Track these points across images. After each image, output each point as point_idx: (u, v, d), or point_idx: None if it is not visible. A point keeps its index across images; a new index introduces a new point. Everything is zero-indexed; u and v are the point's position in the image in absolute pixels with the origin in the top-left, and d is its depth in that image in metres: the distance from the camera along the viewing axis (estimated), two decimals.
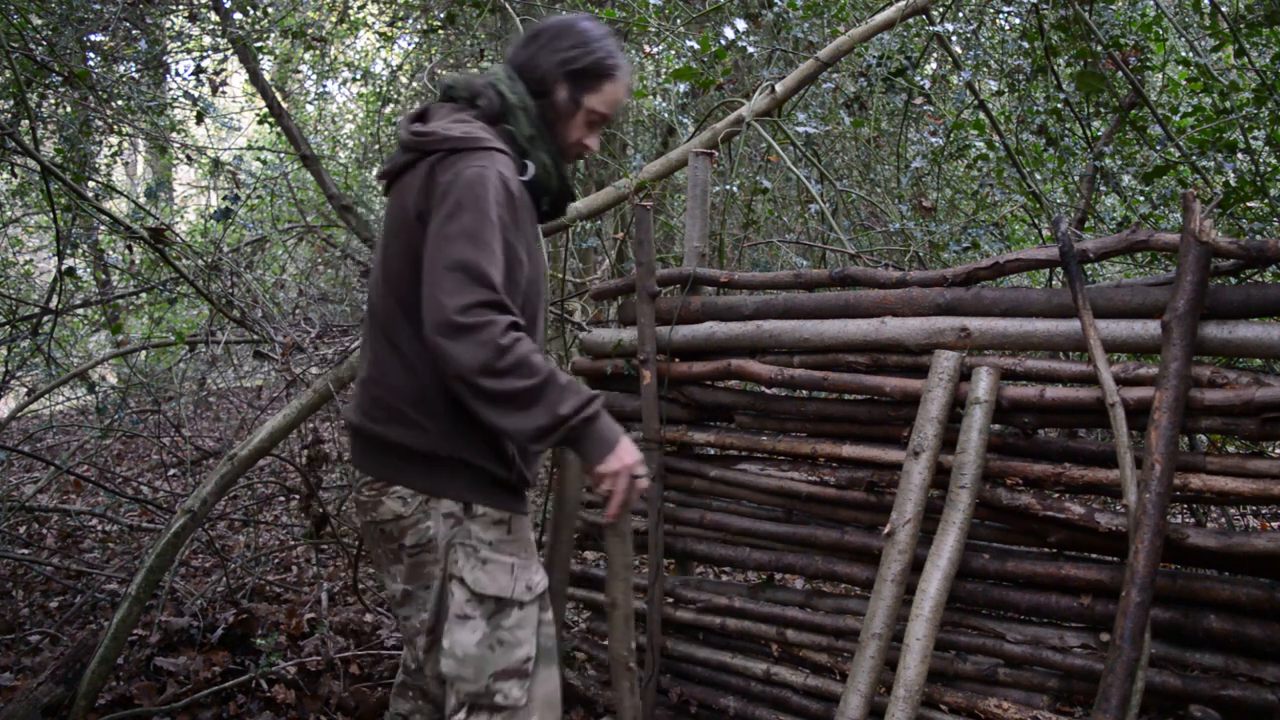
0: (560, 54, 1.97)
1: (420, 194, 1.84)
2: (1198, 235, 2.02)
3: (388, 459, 1.94)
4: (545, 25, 2.03)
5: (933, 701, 2.37)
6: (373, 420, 1.94)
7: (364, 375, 2.01)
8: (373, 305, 2.00)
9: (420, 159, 1.88)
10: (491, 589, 1.89)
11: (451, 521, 1.91)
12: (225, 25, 5.47)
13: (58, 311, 4.32)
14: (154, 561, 2.95)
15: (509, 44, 2.10)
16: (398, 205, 1.91)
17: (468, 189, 1.79)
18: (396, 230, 1.91)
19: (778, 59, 4.75)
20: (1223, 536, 2.05)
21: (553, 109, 1.99)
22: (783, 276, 2.72)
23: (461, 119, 1.93)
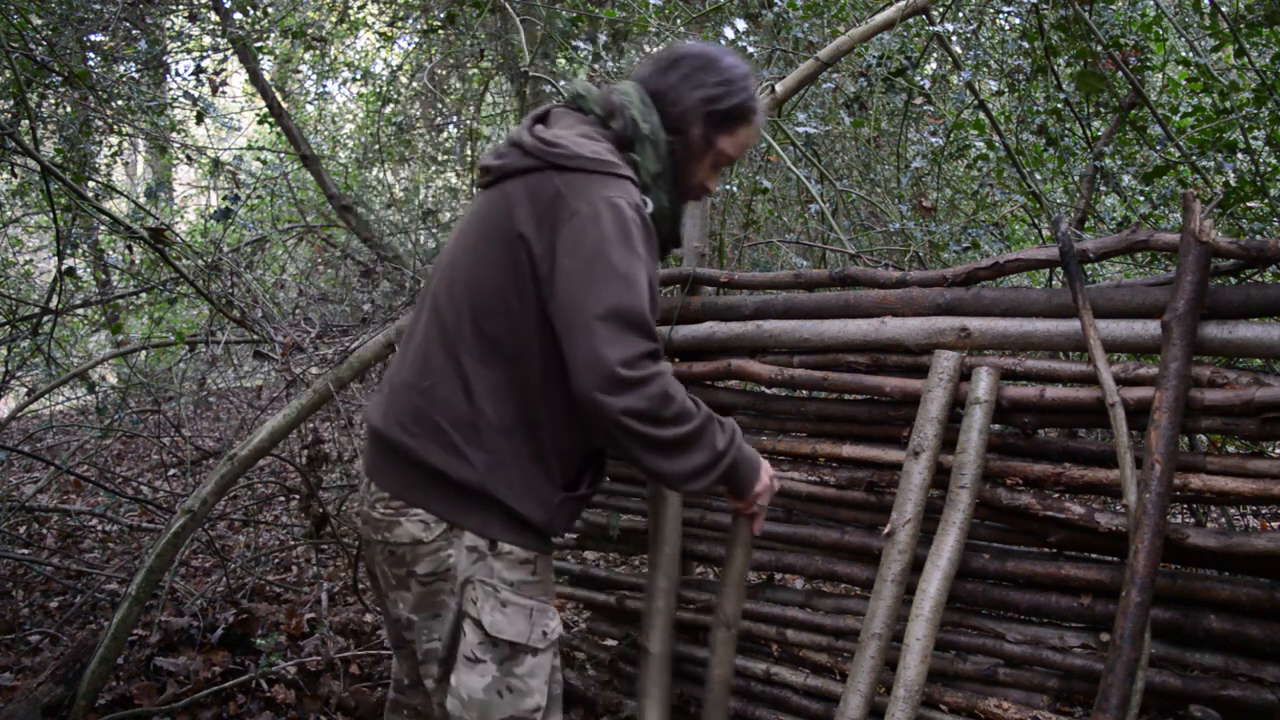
0: (704, 90, 1.85)
1: (537, 209, 1.71)
2: (1198, 235, 2.02)
3: (415, 479, 1.80)
4: (686, 53, 1.90)
5: (933, 701, 2.37)
6: (409, 434, 1.78)
7: (405, 379, 1.84)
8: (438, 305, 1.83)
9: (541, 169, 1.74)
10: (508, 633, 1.78)
11: (474, 556, 1.78)
12: (225, 25, 5.47)
13: (58, 311, 4.32)
14: (154, 561, 2.95)
15: (643, 64, 1.95)
16: (499, 211, 1.76)
17: (612, 222, 1.67)
18: (490, 237, 1.76)
19: (778, 59, 4.75)
20: (1223, 536, 2.05)
21: (684, 147, 1.87)
22: (783, 276, 2.72)
23: (591, 136, 1.80)
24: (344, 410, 3.84)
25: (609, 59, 4.21)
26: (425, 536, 1.83)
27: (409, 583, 1.88)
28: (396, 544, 1.85)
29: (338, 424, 4.97)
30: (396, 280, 5.70)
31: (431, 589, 1.87)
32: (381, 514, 1.86)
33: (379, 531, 1.87)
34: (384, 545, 1.87)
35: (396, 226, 7.04)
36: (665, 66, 1.88)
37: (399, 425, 1.80)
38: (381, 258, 6.18)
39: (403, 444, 1.79)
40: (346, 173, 7.53)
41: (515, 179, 1.76)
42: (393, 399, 1.85)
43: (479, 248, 1.78)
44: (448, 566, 1.83)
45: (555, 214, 1.69)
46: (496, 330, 1.74)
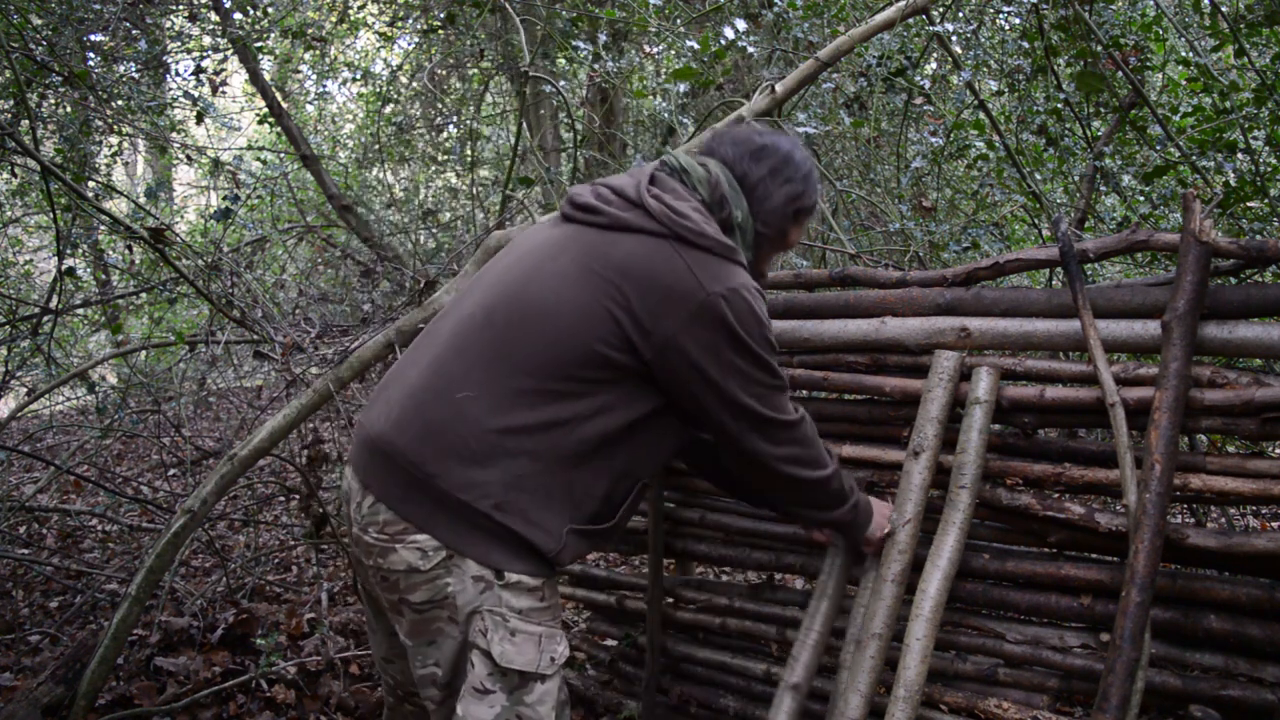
0: (790, 188, 1.93)
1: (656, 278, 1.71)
2: (1198, 235, 2.02)
3: (420, 499, 1.73)
4: (768, 145, 1.95)
5: (933, 701, 2.37)
6: (419, 452, 1.72)
7: (421, 385, 1.77)
8: (492, 321, 1.77)
9: (664, 236, 1.75)
10: (518, 663, 1.75)
11: (482, 585, 1.73)
12: (225, 25, 5.48)
13: (58, 311, 4.32)
14: (154, 561, 2.95)
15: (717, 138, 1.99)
16: (607, 261, 1.74)
17: (749, 315, 1.76)
18: (588, 283, 1.73)
19: (778, 59, 4.75)
20: (1223, 536, 2.05)
21: (768, 239, 1.95)
22: (783, 276, 2.72)
23: (707, 215, 1.83)
24: (344, 410, 3.84)
25: (609, 59, 4.21)
26: (422, 565, 1.73)
27: (402, 609, 1.81)
28: (390, 570, 1.77)
29: (338, 424, 4.97)
30: (396, 280, 5.71)
31: (426, 616, 1.79)
32: (375, 539, 1.77)
33: (371, 557, 1.79)
34: (376, 570, 1.80)
35: (396, 226, 7.04)
36: (751, 155, 1.93)
37: (414, 440, 1.73)
38: (381, 258, 6.19)
39: (414, 462, 1.72)
40: (346, 173, 7.53)
41: (631, 235, 1.76)
42: (404, 410, 1.77)
43: (569, 289, 1.74)
44: (445, 595, 1.74)
45: (684, 289, 1.71)
46: (565, 372, 1.72)
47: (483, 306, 1.81)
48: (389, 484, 1.76)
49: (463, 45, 6.53)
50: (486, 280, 1.88)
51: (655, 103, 5.02)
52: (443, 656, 1.81)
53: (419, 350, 1.88)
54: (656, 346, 1.72)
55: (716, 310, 1.71)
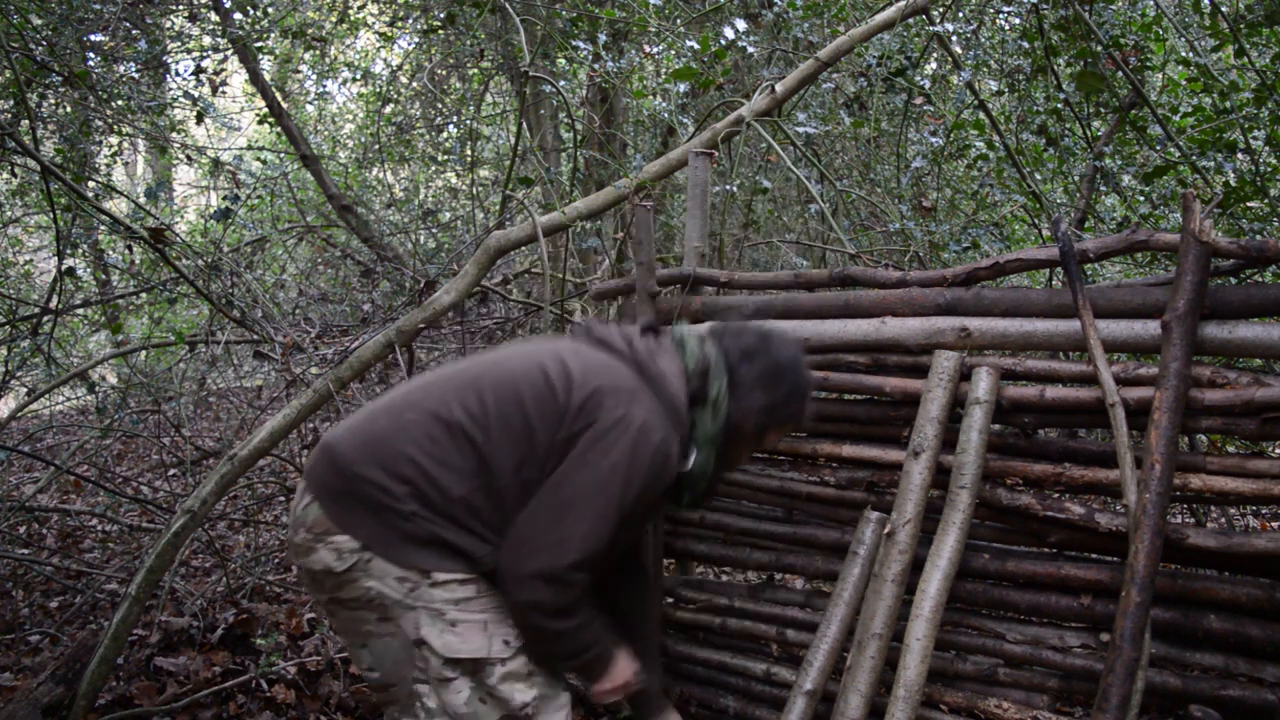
0: (768, 396, 1.99)
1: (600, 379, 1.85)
2: (1198, 235, 2.02)
3: (350, 501, 1.82)
4: (766, 350, 2.03)
5: (933, 701, 2.37)
6: (356, 455, 1.83)
7: (382, 404, 1.91)
8: (457, 368, 1.94)
9: (626, 362, 1.91)
10: (465, 650, 1.81)
11: (408, 585, 1.80)
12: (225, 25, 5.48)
13: (58, 311, 4.32)
14: (154, 561, 2.95)
15: (725, 330, 2.09)
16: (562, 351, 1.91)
17: (635, 452, 1.81)
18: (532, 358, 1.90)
19: (778, 59, 4.75)
20: (1223, 536, 2.05)
21: (738, 433, 2.01)
22: (783, 276, 2.72)
23: (681, 381, 1.94)
24: (344, 410, 3.84)
25: (609, 59, 4.21)
26: (337, 566, 1.81)
27: (333, 608, 1.89)
28: (312, 570, 1.85)
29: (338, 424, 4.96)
30: (396, 280, 5.70)
31: (356, 616, 1.86)
32: (302, 539, 1.86)
33: (299, 556, 1.88)
34: (304, 570, 1.89)
35: (396, 226, 7.04)
36: (745, 353, 2.01)
37: (353, 443, 1.85)
38: (381, 258, 6.19)
39: (348, 458, 1.83)
40: (346, 173, 7.53)
41: (606, 352, 1.94)
42: (361, 419, 1.90)
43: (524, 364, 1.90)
44: (370, 597, 1.82)
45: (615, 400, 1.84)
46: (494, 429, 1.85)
47: (467, 366, 1.97)
48: (325, 481, 1.86)
49: (463, 45, 6.53)
50: (486, 355, 2.05)
51: (655, 103, 5.02)
52: (377, 660, 1.88)
53: (397, 389, 2.02)
54: (571, 425, 1.84)
55: (636, 431, 1.81)
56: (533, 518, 1.81)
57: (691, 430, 1.95)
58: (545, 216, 3.37)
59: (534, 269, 5.27)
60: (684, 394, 1.94)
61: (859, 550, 2.36)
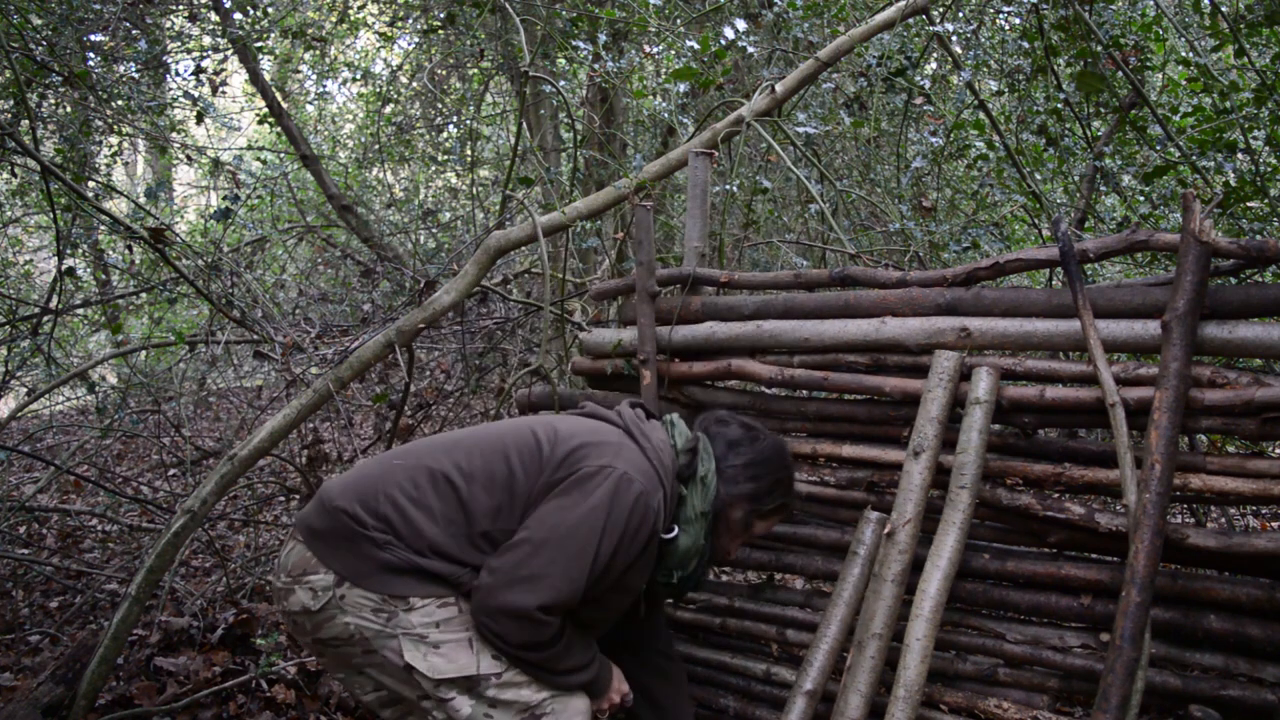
0: (752, 486, 2.07)
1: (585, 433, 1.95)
2: (1198, 235, 2.02)
3: (332, 536, 1.89)
4: (761, 442, 2.11)
5: (933, 701, 2.37)
6: (342, 494, 1.91)
7: (377, 458, 2.03)
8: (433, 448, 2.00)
9: (616, 427, 2.00)
10: (452, 670, 1.83)
11: (385, 615, 1.84)
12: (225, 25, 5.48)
13: (58, 311, 4.32)
14: (154, 561, 2.95)
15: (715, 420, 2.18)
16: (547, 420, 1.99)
17: (616, 503, 1.84)
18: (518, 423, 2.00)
19: (778, 59, 4.75)
20: (1223, 536, 2.05)
21: (726, 517, 2.08)
22: (783, 276, 2.72)
23: (671, 456, 2.01)
24: (344, 410, 3.84)
25: (609, 59, 4.21)
26: (313, 605, 1.86)
27: (321, 647, 1.93)
28: (291, 613, 1.91)
29: (338, 424, 4.97)
30: (396, 280, 5.70)
31: (341, 652, 1.91)
32: (282, 583, 1.92)
33: (279, 601, 1.94)
34: (286, 615, 1.95)
35: (396, 226, 7.04)
36: (730, 445, 2.09)
37: (343, 484, 1.93)
38: (381, 258, 6.19)
39: (334, 497, 1.90)
40: (346, 173, 7.53)
41: (597, 420, 2.06)
42: (357, 468, 2.01)
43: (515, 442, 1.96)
44: (350, 633, 1.86)
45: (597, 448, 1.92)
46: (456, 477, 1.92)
47: (463, 433, 2.06)
48: (308, 521, 1.94)
49: (463, 45, 6.53)
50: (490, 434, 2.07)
51: (655, 103, 5.02)
52: (378, 680, 1.92)
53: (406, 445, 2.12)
54: (553, 473, 1.91)
55: (616, 482, 1.85)
56: (509, 552, 1.84)
57: (680, 506, 2.01)
58: (545, 216, 3.37)
59: (534, 269, 5.27)
60: (671, 464, 2.00)
61: (859, 550, 2.35)
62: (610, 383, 3.06)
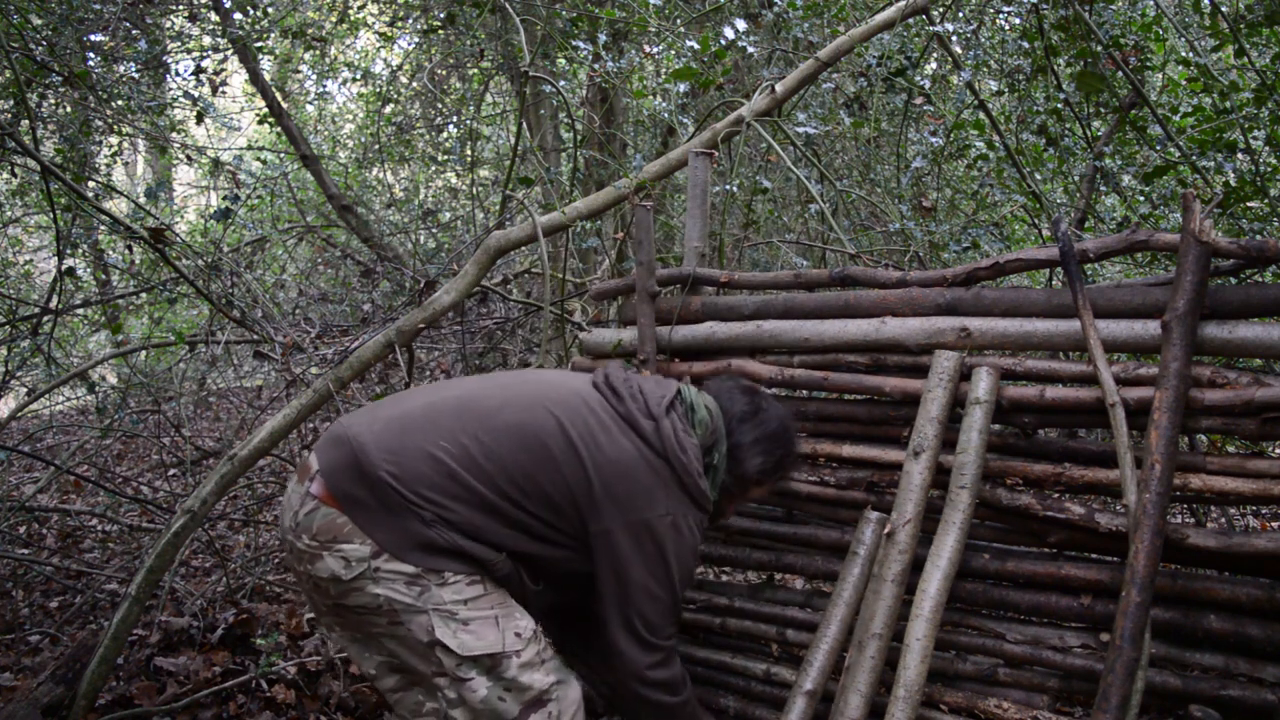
0: (763, 460, 2.14)
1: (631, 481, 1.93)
2: (1198, 235, 2.02)
3: (369, 500, 1.83)
4: (762, 414, 2.17)
5: (933, 701, 2.37)
6: (384, 459, 1.84)
7: (412, 420, 1.92)
8: (488, 400, 1.96)
9: (657, 454, 1.97)
10: (480, 648, 1.85)
11: (418, 589, 1.83)
12: (225, 25, 5.48)
13: (58, 311, 4.32)
14: (154, 561, 2.95)
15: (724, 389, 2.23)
16: (600, 442, 1.94)
17: (676, 543, 1.95)
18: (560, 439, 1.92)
19: (778, 59, 4.75)
20: (1223, 536, 2.05)
21: (730, 491, 2.16)
22: (783, 276, 2.72)
23: (699, 457, 2.03)
24: (344, 410, 3.84)
25: (609, 59, 4.21)
26: (344, 574, 1.82)
27: (340, 612, 1.90)
28: (319, 577, 1.86)
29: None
30: (396, 280, 5.70)
31: (362, 620, 1.88)
32: (306, 546, 1.86)
33: (302, 563, 1.88)
34: (307, 576, 1.89)
35: (396, 226, 7.04)
36: (741, 418, 2.15)
37: (384, 447, 1.86)
38: (381, 258, 6.19)
39: (373, 459, 1.84)
40: (346, 173, 7.53)
41: (634, 438, 1.98)
42: (391, 427, 1.89)
43: (555, 442, 1.92)
44: (379, 603, 1.83)
45: (648, 499, 1.94)
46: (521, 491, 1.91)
47: (500, 400, 1.97)
48: (345, 477, 1.85)
49: (463, 45, 6.53)
50: (514, 381, 2.09)
51: (655, 103, 5.02)
52: (393, 652, 1.90)
53: (425, 395, 2.02)
54: (599, 525, 1.93)
55: (663, 528, 1.94)
56: (609, 614, 1.96)
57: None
58: (545, 216, 3.37)
59: (534, 269, 5.27)
60: (704, 475, 2.04)
61: (859, 550, 2.35)
62: None
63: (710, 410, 2.13)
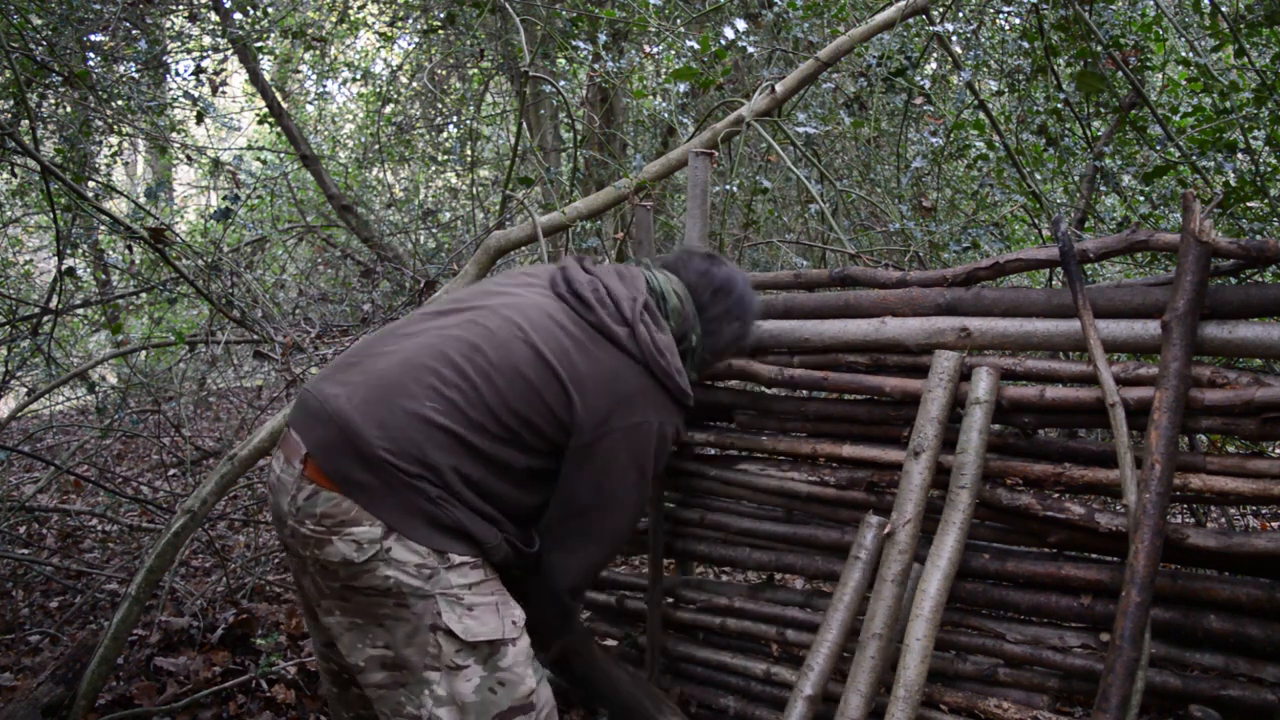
0: (736, 326, 2.20)
1: (615, 387, 1.91)
2: (1198, 235, 2.02)
3: (370, 480, 1.77)
4: (726, 283, 2.19)
5: (933, 701, 2.37)
6: (378, 435, 1.76)
7: (392, 380, 1.83)
8: (459, 340, 1.88)
9: (635, 360, 1.95)
10: (484, 634, 1.83)
11: (427, 572, 1.80)
12: (225, 25, 5.48)
13: (58, 311, 4.32)
14: (154, 561, 2.95)
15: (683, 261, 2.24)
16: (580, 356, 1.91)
17: (657, 449, 1.98)
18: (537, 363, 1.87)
19: (778, 59, 4.75)
20: (1223, 536, 2.05)
21: (707, 362, 2.23)
22: (783, 276, 2.72)
23: (676, 352, 2.02)
24: None
25: (609, 59, 4.21)
26: (356, 558, 1.77)
27: (347, 595, 1.83)
28: (328, 561, 1.80)
29: None
30: (396, 280, 5.71)
31: (370, 602, 1.82)
32: (311, 531, 1.80)
33: (308, 548, 1.82)
34: (314, 561, 1.83)
35: (396, 226, 7.04)
36: (713, 291, 2.16)
37: (374, 422, 1.78)
38: (381, 258, 6.19)
39: (367, 437, 1.77)
40: (346, 173, 7.53)
41: (610, 348, 1.95)
42: (372, 394, 1.82)
43: (533, 368, 1.88)
44: (388, 586, 1.78)
45: (633, 406, 1.93)
46: (511, 423, 1.87)
47: (472, 338, 1.90)
48: (340, 459, 1.79)
49: (463, 45, 6.53)
50: (476, 306, 1.98)
51: (655, 103, 5.02)
52: (392, 638, 1.84)
53: (392, 342, 1.94)
54: (580, 440, 1.91)
55: (648, 434, 1.95)
56: (566, 524, 1.96)
57: None
58: (545, 216, 3.37)
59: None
60: (683, 370, 2.03)
61: (860, 554, 2.35)
62: None
63: (680, 295, 2.12)
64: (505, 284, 2.07)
